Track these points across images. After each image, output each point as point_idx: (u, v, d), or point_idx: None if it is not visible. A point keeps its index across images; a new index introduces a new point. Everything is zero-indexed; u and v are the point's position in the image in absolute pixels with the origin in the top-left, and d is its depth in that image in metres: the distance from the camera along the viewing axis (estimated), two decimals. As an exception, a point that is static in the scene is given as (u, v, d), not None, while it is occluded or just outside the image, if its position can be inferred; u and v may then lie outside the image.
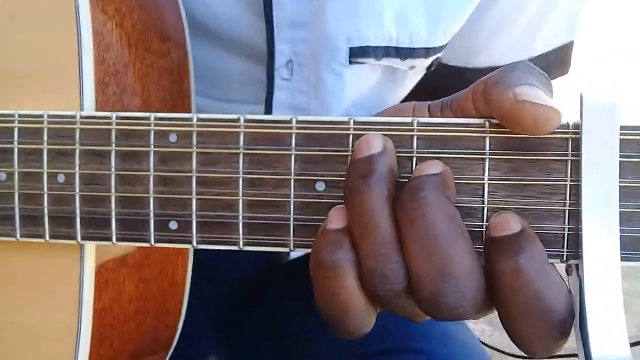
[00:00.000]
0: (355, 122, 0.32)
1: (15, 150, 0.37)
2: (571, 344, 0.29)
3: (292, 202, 0.33)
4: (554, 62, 0.55)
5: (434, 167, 0.30)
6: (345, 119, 0.32)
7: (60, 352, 0.38)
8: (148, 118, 0.35)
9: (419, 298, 0.29)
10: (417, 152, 0.31)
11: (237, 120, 0.33)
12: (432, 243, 0.28)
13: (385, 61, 0.47)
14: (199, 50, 0.49)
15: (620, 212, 0.29)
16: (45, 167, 0.36)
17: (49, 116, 0.36)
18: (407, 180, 0.31)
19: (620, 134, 0.29)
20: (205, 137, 0.34)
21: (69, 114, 0.36)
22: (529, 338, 0.28)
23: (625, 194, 0.29)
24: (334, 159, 0.32)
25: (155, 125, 0.34)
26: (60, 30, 0.38)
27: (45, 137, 0.36)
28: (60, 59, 0.38)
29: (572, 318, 0.28)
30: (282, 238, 0.33)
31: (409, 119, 0.32)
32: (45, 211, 0.36)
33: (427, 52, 0.47)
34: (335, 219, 0.31)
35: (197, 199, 0.34)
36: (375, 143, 0.31)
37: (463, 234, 0.29)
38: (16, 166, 0.37)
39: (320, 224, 0.32)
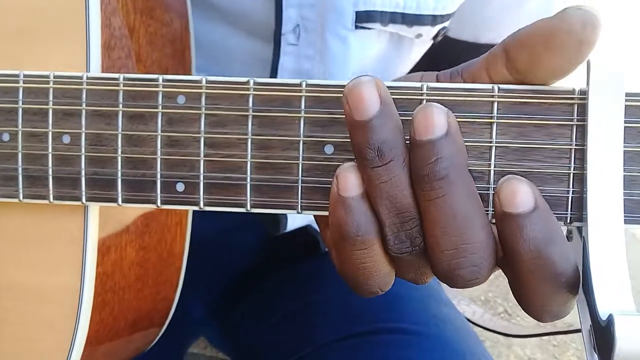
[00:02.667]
0: (365, 86, 0.32)
1: (20, 111, 0.36)
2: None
3: (300, 164, 0.33)
4: None
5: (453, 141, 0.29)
6: (354, 83, 0.33)
7: (61, 314, 0.38)
8: (156, 80, 0.35)
9: (437, 270, 0.29)
10: (426, 116, 0.32)
11: (247, 83, 0.34)
12: (451, 221, 0.28)
13: (392, 27, 0.47)
14: (202, 27, 0.49)
15: (623, 175, 0.30)
16: (50, 127, 0.36)
17: (55, 77, 0.36)
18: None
19: (625, 100, 0.30)
20: (214, 99, 0.34)
21: (76, 75, 0.36)
22: (538, 304, 0.29)
23: (628, 158, 0.30)
24: (343, 122, 0.33)
25: (164, 87, 0.34)
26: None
27: (50, 97, 0.36)
28: (67, 21, 0.38)
29: (579, 283, 0.29)
30: (289, 200, 0.34)
31: (418, 84, 0.32)
32: (50, 171, 0.36)
33: (434, 19, 0.47)
34: (350, 185, 0.30)
35: (204, 161, 0.34)
36: (372, 97, 0.29)
37: (480, 210, 0.29)
38: (20, 126, 0.36)
39: (329, 186, 0.33)
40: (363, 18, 0.46)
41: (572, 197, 0.31)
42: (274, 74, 0.49)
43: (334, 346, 0.54)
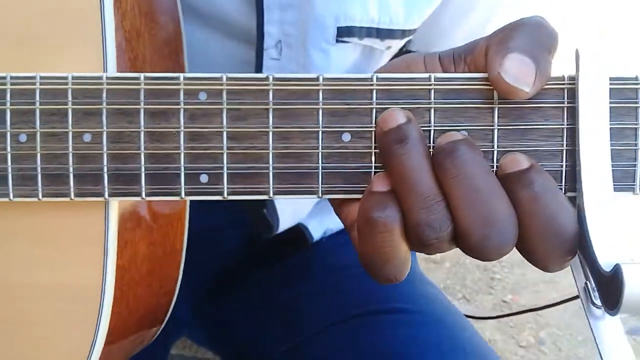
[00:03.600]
0: (378, 79, 0.35)
1: (37, 111, 0.37)
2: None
3: (320, 152, 0.36)
4: None
5: (458, 135, 0.34)
6: (368, 75, 0.36)
7: (82, 309, 0.38)
8: (177, 78, 0.36)
9: (468, 245, 0.32)
10: (435, 103, 0.35)
11: (266, 78, 0.36)
12: (475, 195, 0.32)
13: (367, 41, 0.51)
14: (184, 29, 0.51)
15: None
16: (70, 127, 0.37)
17: (73, 77, 0.37)
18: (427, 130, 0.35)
19: (610, 84, 0.34)
20: (234, 94, 0.36)
21: (95, 75, 0.37)
22: (543, 255, 0.33)
23: (613, 134, 0.34)
24: (358, 112, 0.36)
25: (185, 84, 0.36)
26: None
27: (70, 98, 0.37)
28: (76, 25, 0.39)
29: (577, 235, 0.33)
30: (310, 186, 0.36)
31: (426, 75, 0.35)
32: (71, 169, 0.37)
33: (403, 33, 0.52)
34: (380, 183, 0.34)
35: (227, 153, 0.36)
36: (399, 115, 0.34)
37: (497, 183, 0.33)
38: (38, 127, 0.37)
39: (347, 171, 0.35)
40: (344, 33, 0.50)
41: (565, 170, 0.35)
42: None
43: (335, 327, 0.57)
